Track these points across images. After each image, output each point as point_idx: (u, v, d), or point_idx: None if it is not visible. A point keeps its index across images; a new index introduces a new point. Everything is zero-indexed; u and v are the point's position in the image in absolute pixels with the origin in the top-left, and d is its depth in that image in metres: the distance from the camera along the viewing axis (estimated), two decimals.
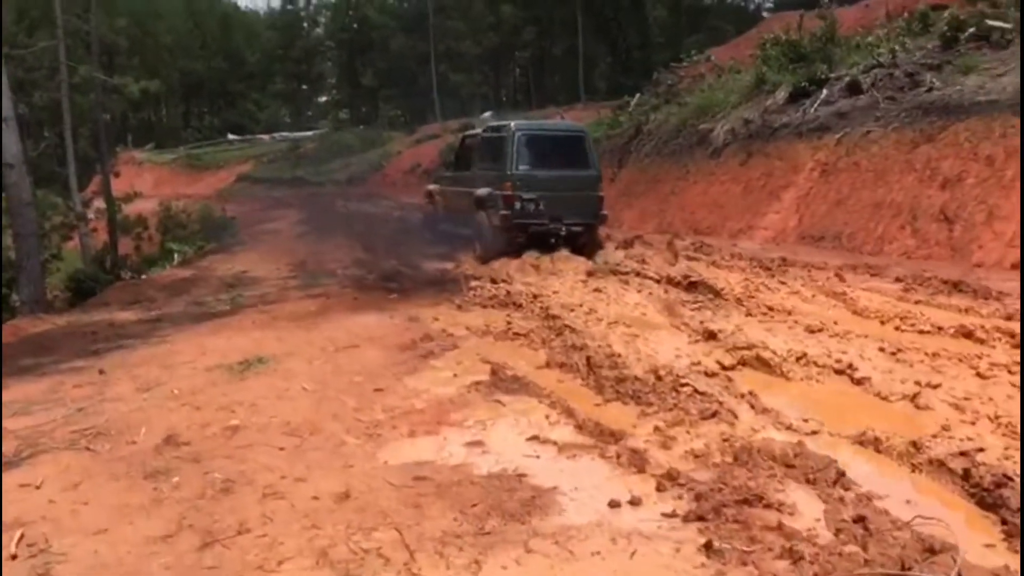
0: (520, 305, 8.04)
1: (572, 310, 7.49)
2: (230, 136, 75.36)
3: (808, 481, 3.61)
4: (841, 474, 3.63)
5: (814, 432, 4.31)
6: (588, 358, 5.61)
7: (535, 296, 8.35)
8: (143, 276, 15.95)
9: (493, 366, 5.82)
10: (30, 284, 13.67)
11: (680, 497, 3.58)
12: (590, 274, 9.76)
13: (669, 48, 72.09)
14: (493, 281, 9.58)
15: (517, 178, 12.23)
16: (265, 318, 8.69)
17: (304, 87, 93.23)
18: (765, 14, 76.07)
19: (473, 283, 9.70)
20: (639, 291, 8.37)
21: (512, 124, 13.27)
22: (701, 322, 6.76)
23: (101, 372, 6.94)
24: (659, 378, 5.14)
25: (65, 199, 29.88)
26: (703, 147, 16.27)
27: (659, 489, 3.67)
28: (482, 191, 12.70)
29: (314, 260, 13.80)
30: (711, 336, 6.31)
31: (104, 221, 31.87)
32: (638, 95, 32.80)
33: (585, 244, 12.50)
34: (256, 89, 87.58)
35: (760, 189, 13.96)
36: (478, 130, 15.43)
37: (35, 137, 31.69)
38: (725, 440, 4.16)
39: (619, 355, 5.70)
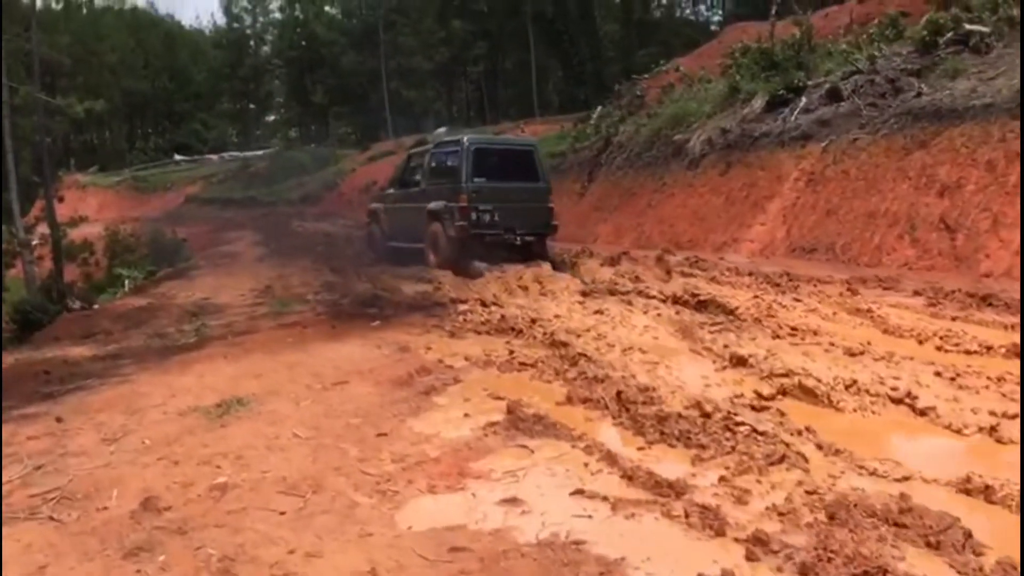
0: (519, 331, 7.42)
1: (579, 335, 6.91)
2: (177, 157, 73.69)
3: (930, 545, 3.04)
4: (968, 535, 3.07)
5: (904, 478, 3.75)
6: (619, 393, 5.00)
7: (533, 320, 7.74)
8: (95, 306, 14.99)
9: (508, 403, 5.19)
10: None
11: (780, 570, 2.99)
12: (585, 294, 9.19)
13: (620, 61, 72.58)
14: (484, 304, 8.96)
15: (472, 190, 12.77)
16: (237, 351, 7.95)
17: (252, 106, 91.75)
18: (713, 27, 77.14)
19: (461, 307, 9.07)
20: (645, 312, 7.81)
21: (465, 139, 13.77)
22: (725, 346, 6.21)
23: (59, 420, 6.17)
24: (706, 415, 4.56)
25: (7, 225, 28.66)
26: (679, 158, 15.87)
27: (750, 559, 3.08)
28: (436, 204, 13.26)
29: (280, 284, 13.05)
30: (740, 362, 5.76)
31: (48, 247, 30.70)
32: (600, 107, 32.51)
33: (536, 253, 13.09)
34: (203, 109, 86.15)
35: (743, 200, 13.55)
36: (425, 147, 15.69)
37: None
38: (808, 492, 3.58)
39: (652, 388, 5.11)
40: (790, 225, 12.18)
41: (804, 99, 14.01)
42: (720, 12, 76.84)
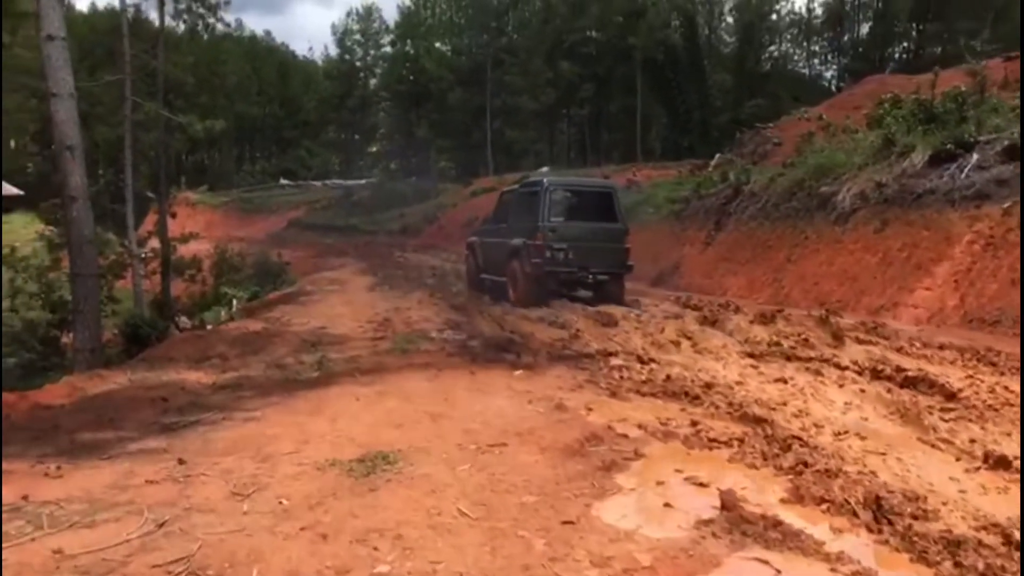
0: (694, 397, 6.45)
1: (773, 408, 5.91)
2: (282, 181, 75.34)
3: None
4: None
5: None
6: (878, 498, 3.98)
7: (708, 385, 6.77)
8: (207, 326, 14.59)
9: (721, 495, 4.23)
10: (86, 329, 12.41)
11: None
12: (754, 356, 8.16)
13: (727, 111, 71.57)
14: (640, 360, 8.02)
15: (548, 229, 13.33)
16: (369, 393, 7.19)
17: (356, 137, 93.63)
18: (824, 82, 75.37)
19: (612, 360, 8.16)
20: (840, 385, 6.75)
21: (545, 180, 14.45)
22: (971, 440, 5.13)
23: (181, 462, 5.47)
24: (1009, 542, 3.52)
25: (120, 237, 29.09)
26: (824, 212, 14.70)
27: None
28: (517, 241, 13.87)
29: (398, 318, 12.36)
30: (1001, 463, 4.68)
31: (157, 261, 31.05)
32: (718, 155, 31.56)
33: (612, 292, 13.71)
34: (309, 136, 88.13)
35: (903, 261, 12.32)
36: (515, 186, 16.43)
37: (91, 173, 30.99)
38: None
39: (921, 496, 4.08)
40: (964, 292, 10.91)
41: (976, 155, 12.74)
42: (835, 66, 75.14)
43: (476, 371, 7.90)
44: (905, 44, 69.22)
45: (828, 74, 77.42)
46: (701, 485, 4.53)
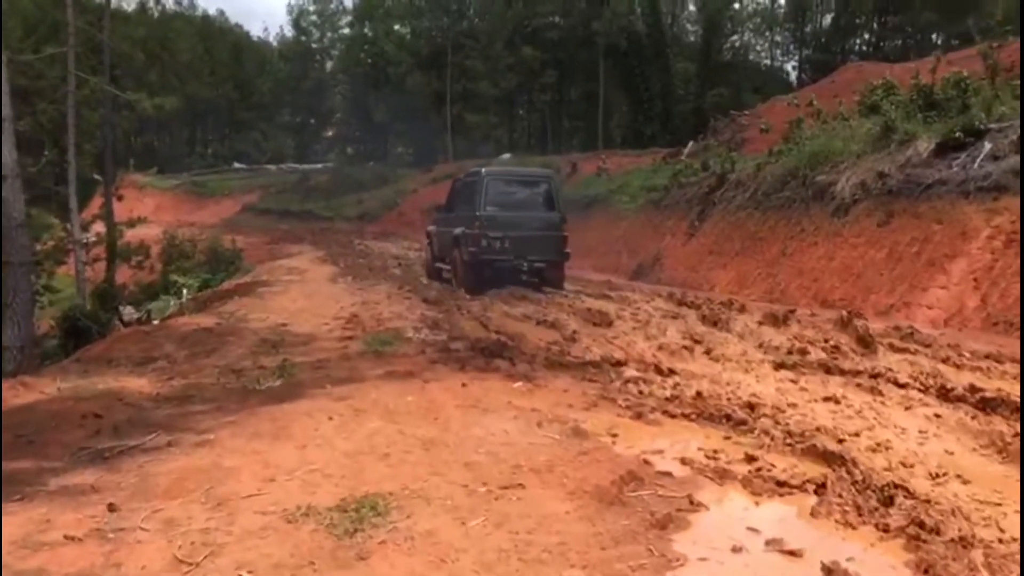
0: (739, 421, 5.41)
1: (842, 440, 4.90)
2: (236, 164, 73.16)
3: None
4: None
5: None
6: None
7: (751, 406, 5.73)
8: (153, 319, 13.25)
9: (824, 568, 3.20)
10: (16, 324, 11.06)
11: None
12: (784, 366, 7.16)
13: (690, 100, 71.15)
14: (659, 372, 6.96)
15: (485, 218, 13.57)
16: (343, 410, 6.06)
17: (312, 120, 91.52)
18: (787, 73, 75.35)
19: (625, 371, 7.10)
20: (906, 408, 5.77)
21: (483, 170, 14.85)
22: None
23: (112, 508, 4.31)
24: None
25: (63, 221, 27.43)
26: (821, 202, 13.82)
27: None
28: (458, 230, 14.12)
29: (367, 313, 11.20)
30: None
31: (102, 247, 29.44)
32: (691, 143, 30.73)
33: (550, 280, 14.04)
34: (264, 119, 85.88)
35: (912, 257, 11.46)
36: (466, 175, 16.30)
37: (34, 153, 29.16)
38: None
39: None
40: (985, 292, 10.07)
41: (988, 144, 11.92)
42: (796, 58, 74.91)
43: (467, 382, 6.79)
44: (867, 36, 69.24)
45: (789, 65, 77.33)
46: (791, 554, 3.50)
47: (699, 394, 6.09)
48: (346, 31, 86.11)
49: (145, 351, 9.23)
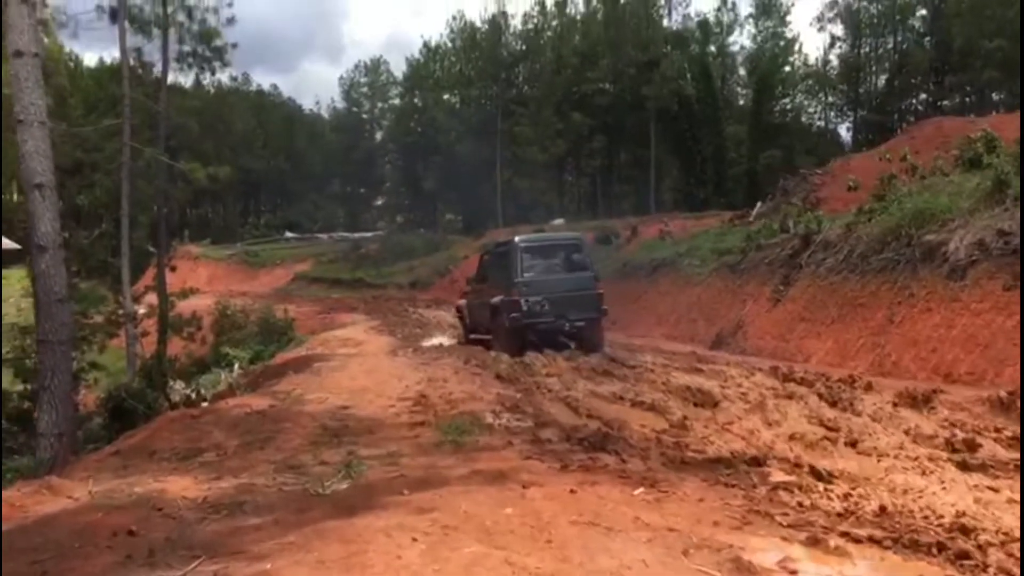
0: (959, 554, 4.09)
1: None
2: (288, 234, 73.56)
3: None
4: None
5: None
6: None
7: (964, 530, 4.42)
8: (203, 397, 12.25)
9: None
10: (54, 408, 10.09)
11: None
12: (964, 466, 5.83)
13: (742, 162, 70.20)
14: (817, 475, 5.66)
15: (523, 284, 14.20)
16: (429, 527, 4.87)
17: (362, 190, 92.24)
18: (844, 132, 74.11)
19: (770, 474, 5.80)
20: None
21: (516, 238, 15.58)
22: None
23: None
24: None
25: (115, 293, 26.95)
26: (931, 264, 12.47)
27: None
28: (496, 299, 14.80)
29: (436, 392, 10.07)
30: None
31: (151, 320, 28.87)
32: (759, 203, 29.51)
33: (589, 340, 14.51)
34: (315, 189, 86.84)
35: None
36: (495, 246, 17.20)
37: (91, 226, 28.96)
38: None
39: None
40: None
41: None
42: (851, 119, 73.64)
43: (574, 487, 5.57)
44: (924, 96, 67.96)
45: (844, 127, 76.16)
46: None
47: (882, 509, 4.79)
48: (396, 101, 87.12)
49: (192, 441, 8.17)
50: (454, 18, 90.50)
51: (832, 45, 71.60)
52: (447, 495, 5.54)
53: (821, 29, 77.92)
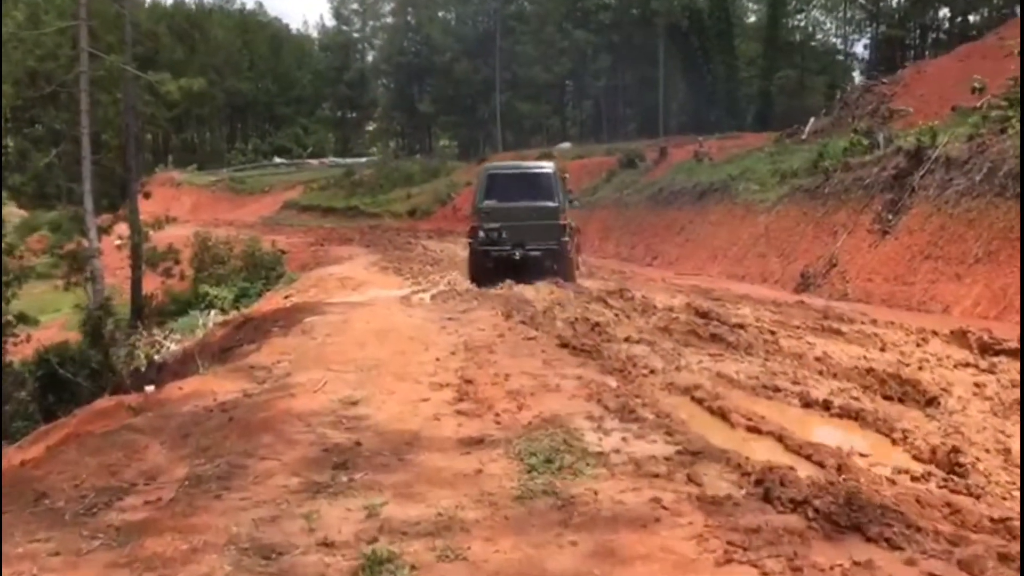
0: None
1: None
2: (276, 160, 69.77)
3: None
4: None
5: None
6: None
7: None
8: (149, 386, 9.02)
9: None
10: None
11: None
12: None
13: (754, 83, 66.43)
14: None
15: (483, 211, 14.28)
16: None
17: (354, 113, 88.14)
18: (860, 51, 70.19)
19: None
20: None
21: (485, 165, 16.51)
22: None
23: None
24: None
25: (76, 224, 23.64)
26: None
27: None
28: (470, 225, 15.00)
29: (482, 373, 6.91)
30: None
31: (124, 254, 25.65)
32: (812, 119, 26.14)
33: (550, 269, 14.17)
34: (304, 113, 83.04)
35: None
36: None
37: (47, 145, 25.44)
38: None
39: None
40: None
41: None
42: (869, 35, 69.61)
43: None
44: (947, 10, 63.71)
45: (861, 45, 72.18)
46: None
47: None
48: (389, 19, 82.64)
49: (112, 469, 5.08)
50: None
51: None
52: None
53: None
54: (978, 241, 10.87)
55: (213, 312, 17.76)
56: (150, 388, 8.31)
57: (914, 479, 4.19)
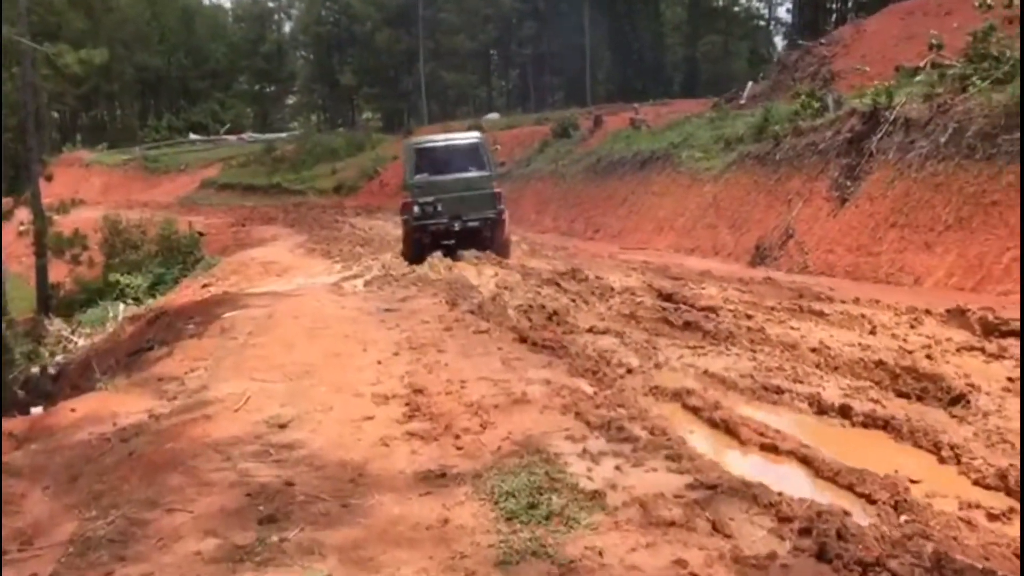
0: None
1: None
2: (192, 136, 66.96)
3: None
4: None
5: None
6: None
7: None
8: (34, 407, 7.71)
9: None
10: None
11: None
12: None
13: (679, 50, 66.36)
14: None
15: (415, 186, 14.18)
16: None
17: (272, 87, 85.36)
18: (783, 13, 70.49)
19: None
20: None
21: (411, 139, 16.86)
22: None
23: None
24: None
25: None
26: None
27: None
28: (402, 201, 14.87)
29: (433, 380, 5.95)
30: None
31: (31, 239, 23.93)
32: (750, 84, 25.55)
33: (487, 240, 14.15)
34: (220, 88, 79.74)
35: None
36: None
37: None
38: None
39: None
40: None
41: None
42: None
43: None
44: None
45: (784, 8, 72.54)
46: None
47: None
48: None
49: None
50: None
51: None
52: None
53: None
54: (947, 207, 10.25)
55: (123, 306, 16.29)
56: (37, 410, 7.10)
57: (992, 517, 3.39)
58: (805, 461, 3.99)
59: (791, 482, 3.80)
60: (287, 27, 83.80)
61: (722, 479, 3.75)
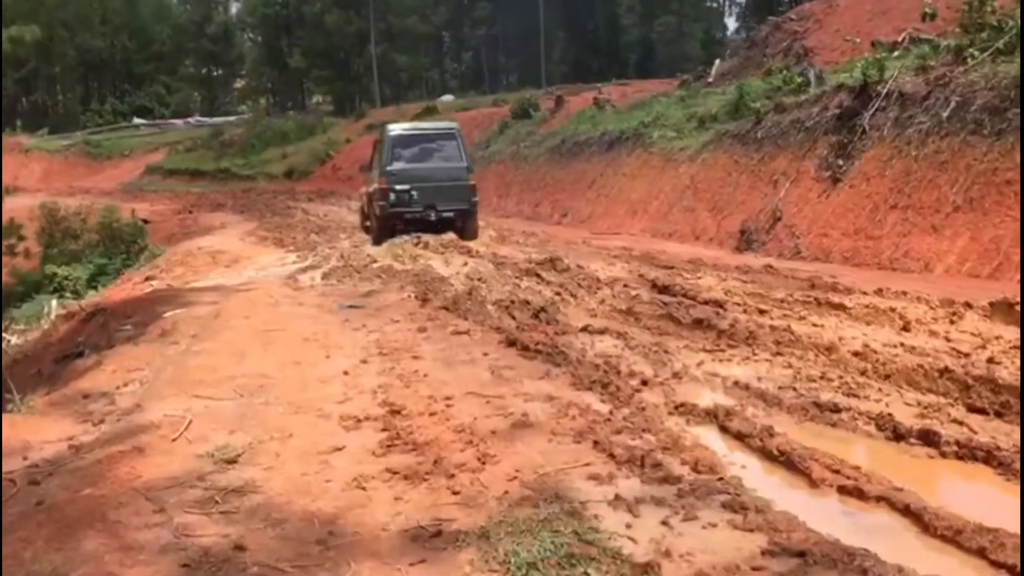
0: None
1: None
2: (137, 121, 64.75)
3: None
4: None
5: None
6: None
7: None
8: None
9: None
10: None
11: None
12: None
13: (634, 31, 65.99)
14: None
15: (391, 173, 14.05)
16: None
17: (219, 70, 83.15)
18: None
19: None
20: None
21: (389, 126, 15.85)
22: None
23: None
24: None
25: None
26: None
27: None
28: (373, 186, 14.86)
29: (415, 398, 5.02)
30: None
31: None
32: (718, 61, 24.85)
33: (460, 228, 14.28)
34: (165, 71, 77.19)
35: None
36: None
37: None
38: None
39: None
40: None
41: None
42: None
43: None
44: None
45: None
46: None
47: None
48: None
49: None
50: None
51: None
52: None
53: None
54: (955, 187, 9.53)
55: (55, 302, 15.02)
56: None
57: None
58: (908, 512, 3.14)
59: (900, 544, 2.94)
60: (234, 8, 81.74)
61: (809, 541, 2.88)
